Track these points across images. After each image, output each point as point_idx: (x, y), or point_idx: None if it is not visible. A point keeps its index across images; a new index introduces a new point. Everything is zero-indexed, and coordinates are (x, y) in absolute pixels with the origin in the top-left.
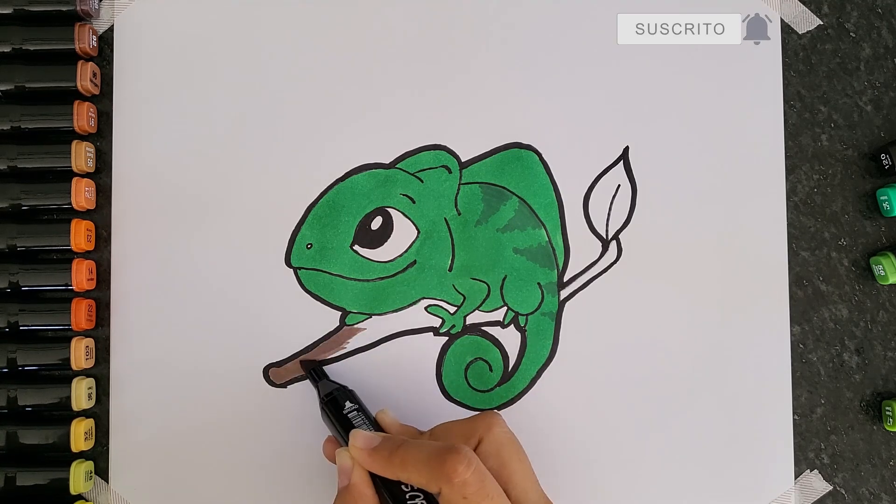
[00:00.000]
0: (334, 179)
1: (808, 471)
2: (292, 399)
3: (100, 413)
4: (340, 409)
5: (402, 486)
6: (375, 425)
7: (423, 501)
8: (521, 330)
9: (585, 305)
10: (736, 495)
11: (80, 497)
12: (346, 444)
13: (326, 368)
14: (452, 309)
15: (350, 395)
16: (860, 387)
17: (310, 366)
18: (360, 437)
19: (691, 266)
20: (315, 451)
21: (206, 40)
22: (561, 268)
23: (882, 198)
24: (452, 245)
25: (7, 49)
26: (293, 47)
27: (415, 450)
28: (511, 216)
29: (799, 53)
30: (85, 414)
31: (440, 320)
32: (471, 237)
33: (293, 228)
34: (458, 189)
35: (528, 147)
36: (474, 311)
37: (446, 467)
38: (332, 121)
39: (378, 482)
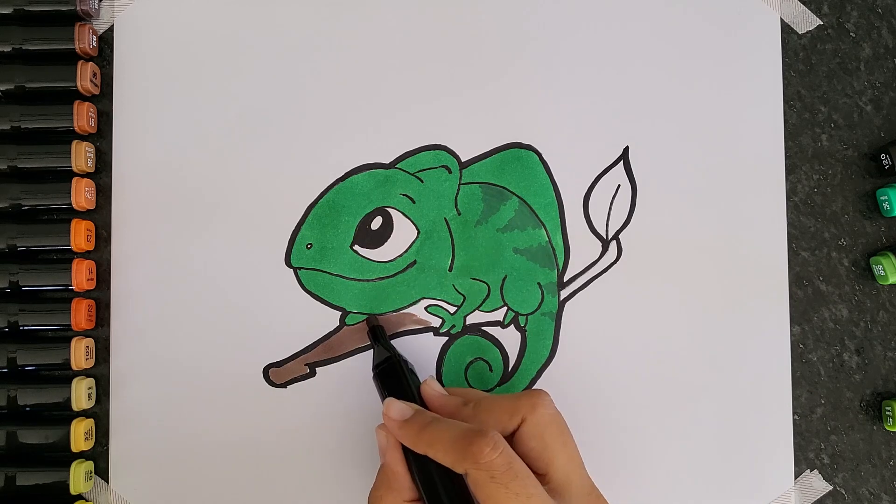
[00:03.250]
0: (334, 179)
1: (808, 471)
2: (292, 399)
3: (100, 413)
4: (390, 379)
5: (432, 464)
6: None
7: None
8: (521, 330)
9: (585, 305)
10: (736, 495)
11: (80, 497)
12: None
13: (325, 368)
14: (452, 309)
15: (403, 365)
16: (860, 387)
17: (373, 322)
18: (394, 407)
19: (691, 266)
20: (315, 450)
21: (207, 40)
22: (561, 268)
23: (882, 198)
24: (452, 245)
25: (7, 49)
26: (293, 48)
27: (443, 428)
28: (511, 216)
29: (799, 53)
30: (85, 414)
31: (440, 320)
32: (471, 237)
33: (293, 228)
34: (458, 189)
35: (528, 147)
36: (474, 311)
37: (472, 449)
38: (332, 121)
39: (409, 456)
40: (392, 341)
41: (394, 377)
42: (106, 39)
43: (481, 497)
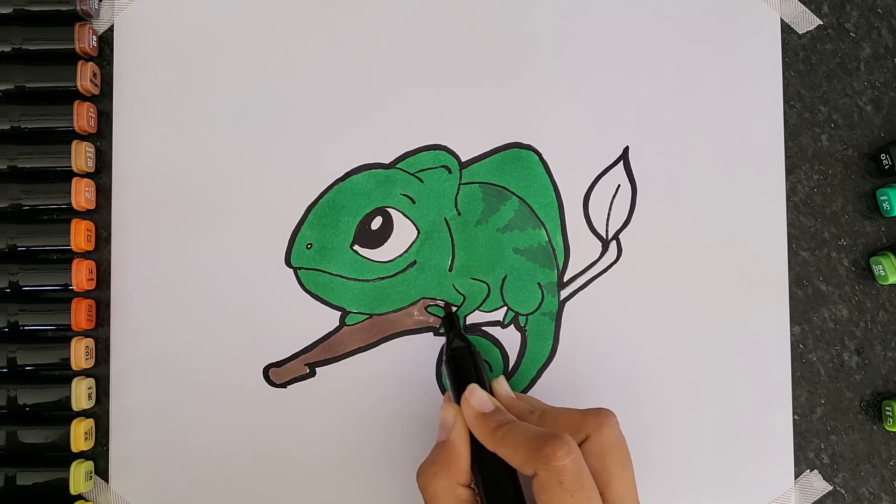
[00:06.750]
0: (334, 179)
1: (808, 471)
2: (292, 399)
3: (100, 413)
4: (464, 367)
5: (496, 460)
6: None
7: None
8: (521, 330)
9: (585, 305)
10: (736, 495)
11: (80, 497)
12: (457, 402)
13: (325, 368)
14: (453, 309)
15: (479, 358)
16: (860, 387)
17: (449, 309)
18: (477, 396)
19: (691, 266)
20: (315, 450)
21: (207, 40)
22: (561, 268)
23: (882, 198)
24: (452, 245)
25: (7, 49)
26: (293, 48)
27: (518, 430)
28: (511, 216)
29: (799, 53)
30: (85, 414)
31: (440, 320)
32: (471, 237)
33: (293, 228)
34: (458, 189)
35: (528, 147)
36: (474, 311)
37: (545, 450)
38: (332, 121)
39: (474, 446)
40: (392, 341)
41: (468, 367)
42: (106, 39)
43: (543, 500)
